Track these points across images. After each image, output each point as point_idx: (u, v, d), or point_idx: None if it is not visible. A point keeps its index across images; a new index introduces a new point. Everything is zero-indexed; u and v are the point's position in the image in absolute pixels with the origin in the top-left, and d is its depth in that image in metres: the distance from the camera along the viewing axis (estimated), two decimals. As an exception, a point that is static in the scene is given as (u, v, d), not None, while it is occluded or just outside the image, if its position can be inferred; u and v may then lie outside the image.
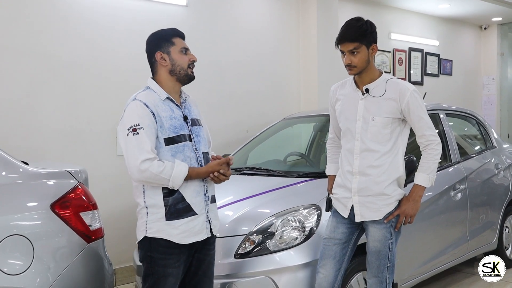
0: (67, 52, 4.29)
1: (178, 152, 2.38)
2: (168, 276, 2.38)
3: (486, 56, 9.20)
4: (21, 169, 2.43)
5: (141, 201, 2.40)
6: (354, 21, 2.67)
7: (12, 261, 2.23)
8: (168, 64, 2.45)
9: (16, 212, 2.30)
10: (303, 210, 3.08)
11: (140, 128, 2.30)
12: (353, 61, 2.62)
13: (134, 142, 2.30)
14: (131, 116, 2.34)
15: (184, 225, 2.37)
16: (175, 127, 2.39)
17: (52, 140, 4.22)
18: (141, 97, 2.38)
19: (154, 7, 4.81)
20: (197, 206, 2.42)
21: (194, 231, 2.41)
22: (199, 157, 2.46)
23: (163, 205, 2.36)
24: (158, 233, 2.36)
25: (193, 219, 2.40)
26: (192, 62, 2.49)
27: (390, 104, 2.65)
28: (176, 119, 2.42)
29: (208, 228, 2.46)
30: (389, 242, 2.70)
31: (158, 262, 2.37)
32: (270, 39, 5.85)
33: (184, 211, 2.38)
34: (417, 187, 2.70)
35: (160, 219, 2.36)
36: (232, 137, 5.41)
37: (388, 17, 7.37)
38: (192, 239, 2.40)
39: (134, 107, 2.35)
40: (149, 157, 2.28)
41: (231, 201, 3.31)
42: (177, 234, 2.36)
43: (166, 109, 2.40)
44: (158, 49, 2.45)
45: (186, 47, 2.49)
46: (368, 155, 2.67)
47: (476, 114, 5.10)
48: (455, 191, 4.03)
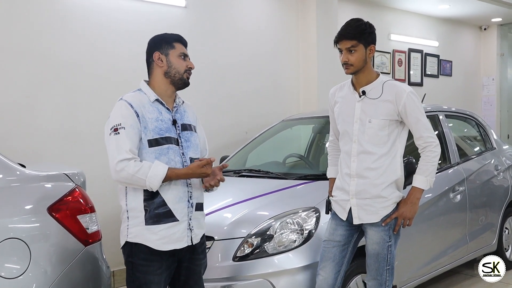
0: (66, 53, 4.29)
1: (162, 154, 2.33)
2: (150, 283, 2.33)
3: (485, 57, 9.19)
4: (18, 171, 2.41)
5: (124, 204, 2.38)
6: (354, 20, 2.69)
7: (9, 265, 2.21)
8: (165, 66, 2.42)
9: (13, 215, 2.28)
10: (302, 212, 3.07)
11: (121, 128, 2.27)
12: (350, 59, 2.62)
13: (114, 142, 2.27)
14: (115, 116, 2.33)
15: (164, 231, 2.31)
16: (160, 129, 2.35)
17: (51, 141, 4.21)
18: (127, 97, 2.38)
19: (153, 9, 4.81)
20: (178, 212, 2.35)
21: (174, 238, 2.34)
22: (185, 162, 2.39)
23: (143, 209, 2.32)
24: (137, 237, 2.32)
25: (173, 225, 2.33)
26: (189, 68, 2.45)
27: (387, 106, 2.64)
28: (163, 121, 2.37)
29: (189, 236, 2.38)
30: (388, 245, 2.69)
31: (139, 268, 2.34)
32: (269, 40, 5.84)
33: (165, 216, 2.32)
34: (415, 190, 2.69)
35: (140, 223, 2.32)
36: (231, 139, 5.40)
37: (388, 18, 7.37)
38: (171, 246, 2.33)
39: (119, 107, 2.34)
40: (127, 157, 2.23)
41: (229, 204, 3.30)
42: (156, 240, 2.31)
43: (153, 110, 2.37)
44: (157, 49, 2.43)
45: (186, 54, 2.46)
46: (365, 157, 2.66)
47: (476, 115, 5.09)
48: (455, 193, 4.02)
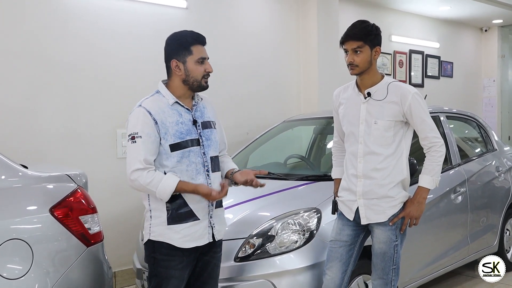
0: (67, 55, 4.29)
1: (184, 157, 2.38)
2: (171, 278, 2.38)
3: (486, 58, 9.19)
4: (21, 172, 2.43)
5: (146, 204, 2.43)
6: (360, 22, 2.71)
7: (11, 266, 2.22)
8: (183, 74, 2.41)
9: (15, 216, 2.30)
10: (303, 213, 3.07)
11: (138, 137, 2.30)
12: (355, 60, 2.64)
13: (130, 150, 2.32)
14: (132, 124, 2.35)
15: (186, 230, 2.38)
16: (181, 133, 2.38)
17: (52, 143, 4.21)
18: (146, 104, 2.37)
19: (154, 10, 4.81)
20: (199, 211, 2.41)
21: (196, 236, 2.40)
22: (206, 162, 2.45)
23: (165, 209, 2.37)
24: (160, 236, 2.38)
25: (194, 224, 2.40)
26: (207, 73, 2.45)
27: (392, 108, 2.66)
28: (184, 124, 2.40)
29: (210, 233, 2.46)
30: (395, 244, 2.70)
31: (161, 263, 2.39)
32: (270, 41, 5.84)
33: (186, 216, 2.38)
34: (421, 189, 2.72)
35: (162, 223, 2.37)
36: (232, 140, 5.38)
37: (389, 19, 7.37)
38: (193, 244, 2.40)
39: (137, 114, 2.35)
40: (140, 167, 2.28)
41: (231, 204, 3.30)
42: (178, 238, 2.37)
43: (173, 114, 2.39)
44: (175, 56, 2.40)
45: (204, 57, 2.42)
46: (371, 158, 2.68)
47: (477, 117, 5.09)
48: (456, 194, 4.02)
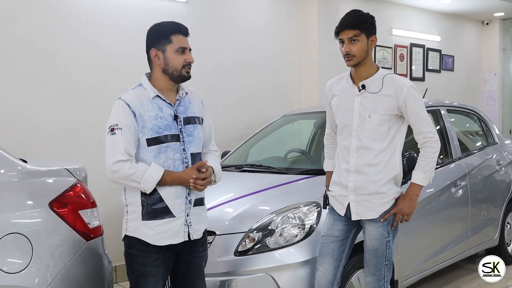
0: (66, 49, 4.28)
1: (161, 152, 2.33)
2: (147, 275, 2.35)
3: (488, 52, 9.15)
4: (20, 167, 2.42)
5: (123, 198, 2.41)
6: (354, 11, 2.66)
7: (11, 260, 2.22)
8: (162, 63, 2.36)
9: (15, 210, 2.29)
10: (303, 207, 3.07)
11: (118, 129, 2.27)
12: (352, 49, 2.58)
13: (110, 142, 2.29)
14: (112, 116, 2.33)
15: (160, 227, 2.33)
16: (159, 127, 2.32)
17: (52, 137, 4.21)
18: (126, 97, 2.35)
19: (154, 4, 4.80)
20: (175, 208, 2.35)
21: (170, 234, 2.34)
22: (186, 159, 2.38)
23: (140, 204, 2.34)
24: (135, 232, 2.35)
25: (169, 221, 2.34)
26: (187, 63, 2.36)
27: (387, 101, 2.61)
28: (163, 118, 2.34)
29: (186, 231, 2.37)
30: (386, 240, 2.68)
31: (136, 259, 2.37)
32: (271, 35, 5.83)
33: (161, 212, 2.33)
34: (414, 186, 2.68)
35: (137, 218, 2.34)
36: (232, 134, 5.39)
37: (389, 13, 7.34)
38: (167, 242, 2.34)
39: (117, 107, 2.33)
40: (122, 158, 2.25)
41: (231, 198, 3.30)
42: (152, 235, 2.33)
43: (152, 108, 2.33)
44: (154, 45, 2.36)
45: (184, 46, 2.36)
46: (364, 153, 2.64)
47: (478, 110, 5.08)
48: (456, 188, 4.01)
